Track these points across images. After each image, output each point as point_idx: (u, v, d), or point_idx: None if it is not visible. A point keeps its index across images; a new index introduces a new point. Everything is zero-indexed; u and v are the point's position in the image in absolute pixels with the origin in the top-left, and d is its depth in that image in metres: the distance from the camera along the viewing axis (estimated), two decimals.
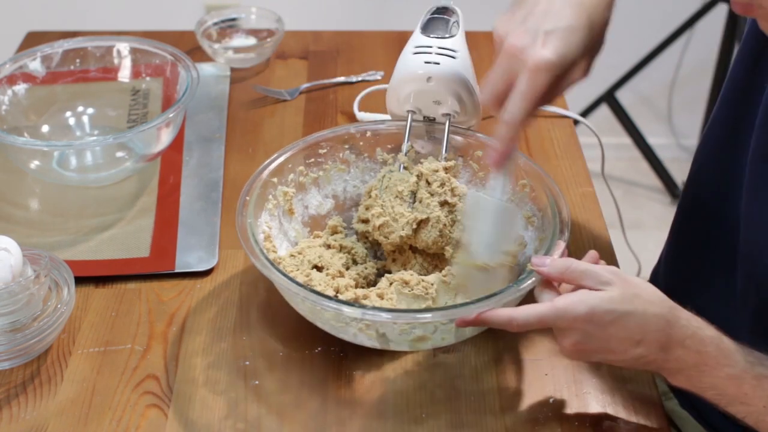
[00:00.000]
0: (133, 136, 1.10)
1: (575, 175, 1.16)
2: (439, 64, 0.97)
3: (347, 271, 0.96)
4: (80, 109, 1.22)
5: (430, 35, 0.99)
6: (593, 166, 1.21)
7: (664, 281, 1.07)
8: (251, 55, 1.36)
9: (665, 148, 2.52)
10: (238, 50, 1.36)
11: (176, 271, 1.00)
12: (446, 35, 0.99)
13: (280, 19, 1.38)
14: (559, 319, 0.76)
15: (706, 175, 0.99)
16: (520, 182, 0.96)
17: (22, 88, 1.18)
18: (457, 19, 1.01)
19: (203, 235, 1.05)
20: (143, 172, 1.15)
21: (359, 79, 1.33)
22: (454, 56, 0.97)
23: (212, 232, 1.05)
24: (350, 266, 0.97)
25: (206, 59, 1.36)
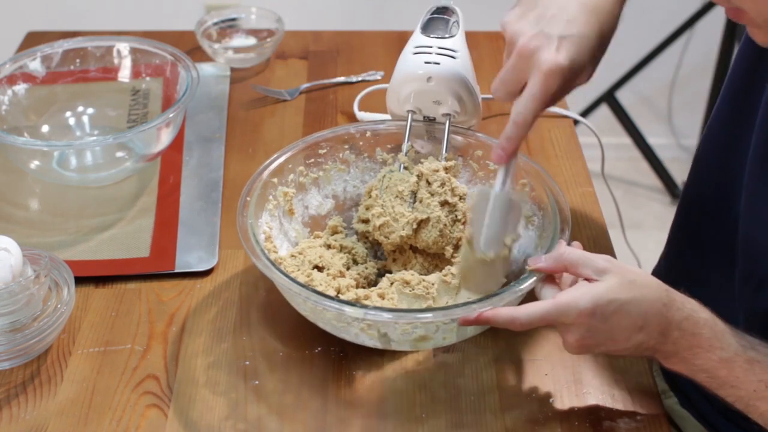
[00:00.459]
0: (133, 136, 1.10)
1: (575, 175, 1.16)
2: (439, 64, 0.97)
3: (348, 271, 0.96)
4: (80, 109, 1.22)
5: (430, 35, 0.99)
6: (593, 166, 1.21)
7: (664, 281, 1.07)
8: (251, 55, 1.36)
9: (665, 148, 2.52)
10: (238, 50, 1.36)
11: (176, 271, 1.00)
12: (446, 35, 0.99)
13: (280, 19, 1.38)
14: (562, 315, 0.76)
15: (706, 174, 0.99)
16: (520, 182, 0.96)
17: (22, 88, 1.17)
18: (457, 19, 1.01)
19: (203, 235, 1.05)
20: (143, 172, 1.15)
21: (359, 79, 1.33)
22: (454, 56, 0.97)
23: (212, 232, 1.05)
24: (351, 266, 0.97)
25: (206, 59, 1.36)
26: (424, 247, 0.96)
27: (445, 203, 0.95)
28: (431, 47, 0.98)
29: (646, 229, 2.37)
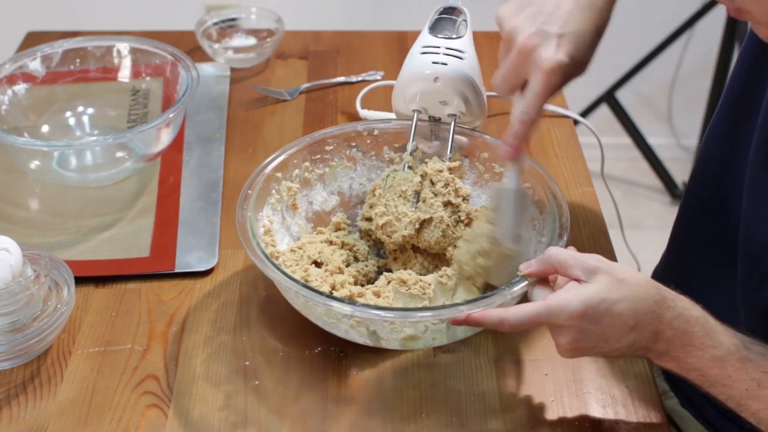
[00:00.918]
0: (133, 136, 1.10)
1: (575, 175, 1.15)
2: (446, 64, 0.97)
3: (347, 268, 0.96)
4: (80, 109, 1.22)
5: (437, 35, 0.99)
6: (593, 166, 1.21)
7: (664, 281, 1.07)
8: (251, 55, 1.36)
9: (665, 148, 2.52)
10: (238, 50, 1.36)
11: (176, 271, 1.00)
12: (454, 36, 0.99)
13: (280, 19, 1.38)
14: (553, 316, 0.76)
15: (708, 175, 0.99)
16: (524, 185, 0.96)
17: (22, 88, 1.18)
18: (464, 19, 1.01)
19: (203, 235, 1.05)
20: (143, 172, 1.15)
21: (359, 79, 1.33)
22: (461, 57, 0.97)
23: (212, 232, 1.05)
24: (351, 263, 0.97)
25: (206, 59, 1.36)
26: (425, 247, 0.96)
27: (448, 204, 0.95)
28: (439, 47, 0.98)
29: (645, 229, 2.37)
